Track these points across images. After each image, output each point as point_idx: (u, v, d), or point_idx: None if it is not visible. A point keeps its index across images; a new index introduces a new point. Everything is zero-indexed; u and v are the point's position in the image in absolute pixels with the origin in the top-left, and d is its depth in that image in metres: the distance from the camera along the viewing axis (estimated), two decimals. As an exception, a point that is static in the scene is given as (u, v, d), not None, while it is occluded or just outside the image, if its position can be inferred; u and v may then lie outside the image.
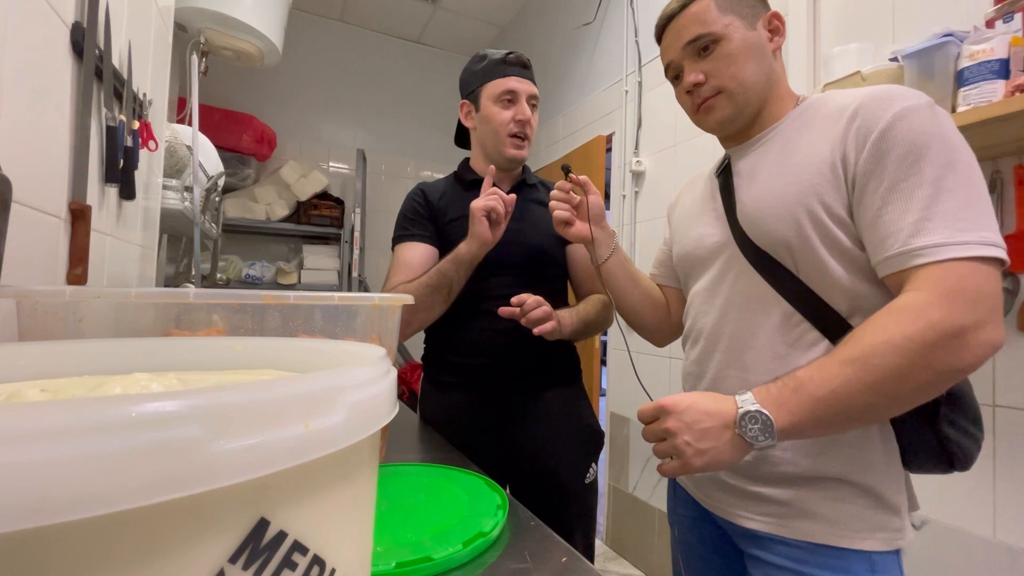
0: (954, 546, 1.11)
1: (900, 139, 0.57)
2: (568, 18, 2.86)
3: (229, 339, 0.39)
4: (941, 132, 0.57)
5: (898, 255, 0.56)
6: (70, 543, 0.15)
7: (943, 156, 0.56)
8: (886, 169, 0.58)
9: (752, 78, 0.71)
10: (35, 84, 0.60)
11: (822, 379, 0.55)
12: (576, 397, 1.16)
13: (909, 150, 0.57)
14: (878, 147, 0.58)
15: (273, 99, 3.25)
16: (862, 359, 0.54)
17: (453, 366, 1.13)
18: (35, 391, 0.26)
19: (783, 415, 0.56)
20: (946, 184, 0.55)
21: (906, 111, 0.58)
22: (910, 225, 0.55)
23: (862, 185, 0.60)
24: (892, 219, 0.57)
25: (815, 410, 0.55)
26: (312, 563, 0.21)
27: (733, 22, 0.70)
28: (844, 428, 0.59)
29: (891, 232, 0.57)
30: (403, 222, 1.14)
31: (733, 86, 0.71)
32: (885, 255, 0.57)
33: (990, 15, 1.04)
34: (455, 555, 0.52)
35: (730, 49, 0.70)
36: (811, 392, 0.56)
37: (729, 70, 0.70)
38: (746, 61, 0.70)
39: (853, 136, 0.61)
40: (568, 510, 1.07)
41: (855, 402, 0.54)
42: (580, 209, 0.91)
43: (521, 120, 1.08)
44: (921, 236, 0.55)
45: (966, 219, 0.54)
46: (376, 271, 3.38)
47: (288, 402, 0.19)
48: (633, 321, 0.95)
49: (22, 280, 0.57)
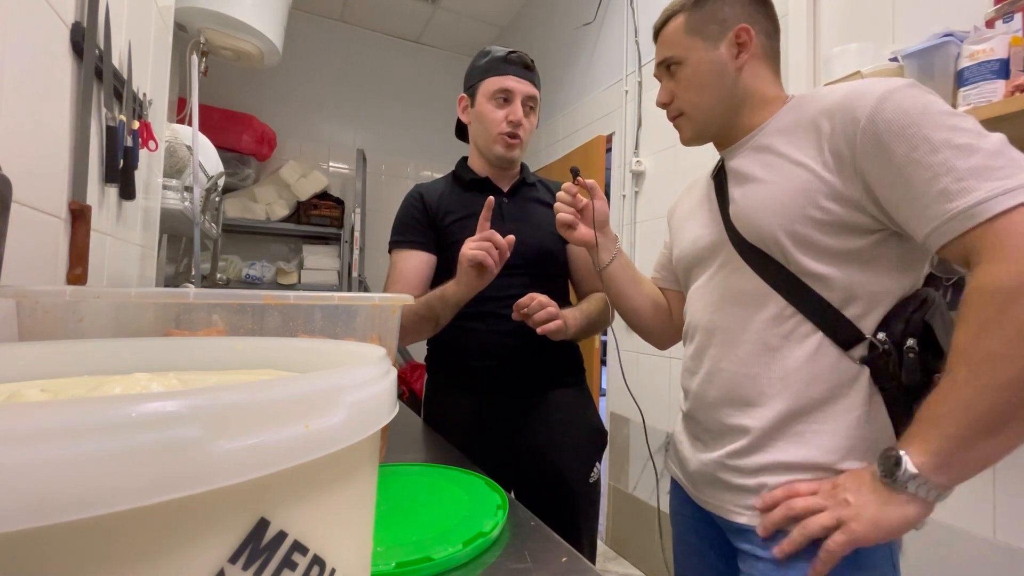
0: (954, 546, 1.11)
1: (891, 118, 0.56)
2: (568, 18, 2.86)
3: (229, 339, 0.39)
4: (930, 101, 0.56)
5: (948, 221, 0.52)
6: (70, 543, 0.15)
7: (942, 120, 0.54)
8: (889, 148, 0.56)
9: (708, 101, 0.74)
10: (35, 84, 0.60)
11: (938, 396, 0.52)
12: (581, 397, 1.16)
13: (905, 124, 0.55)
14: (871, 132, 0.57)
15: (273, 99, 3.25)
16: (966, 356, 0.51)
17: (458, 368, 1.13)
18: (35, 391, 0.26)
19: (912, 451, 0.53)
20: (959, 142, 0.53)
21: (888, 92, 0.57)
22: (944, 189, 0.52)
23: (872, 172, 0.58)
24: (921, 192, 0.54)
25: (944, 429, 0.51)
26: (312, 563, 0.21)
27: (694, 44, 0.72)
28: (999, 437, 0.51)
29: (928, 203, 0.54)
30: (400, 227, 1.14)
31: (690, 110, 0.76)
32: (933, 225, 0.54)
33: (990, 15, 1.04)
34: (455, 555, 0.52)
35: (686, 73, 0.74)
36: (932, 414, 0.53)
37: (686, 94, 0.75)
38: (703, 85, 0.73)
39: (840, 128, 0.60)
40: (573, 509, 1.07)
41: (981, 405, 0.49)
42: (585, 213, 0.90)
43: (512, 121, 1.07)
44: (961, 197, 0.51)
45: (995, 168, 0.51)
46: (376, 271, 3.38)
47: (288, 402, 0.19)
48: (635, 324, 0.95)
49: (22, 280, 0.57)
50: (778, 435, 0.65)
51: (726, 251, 0.73)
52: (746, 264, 0.69)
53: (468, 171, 1.17)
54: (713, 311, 0.74)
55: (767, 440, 0.66)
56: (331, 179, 3.31)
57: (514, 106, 1.07)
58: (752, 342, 0.68)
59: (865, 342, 0.62)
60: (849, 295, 0.63)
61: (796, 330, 0.65)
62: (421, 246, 1.11)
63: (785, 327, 0.66)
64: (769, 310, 0.67)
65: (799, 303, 0.65)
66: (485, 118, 1.09)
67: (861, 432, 0.63)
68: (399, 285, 1.08)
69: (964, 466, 0.52)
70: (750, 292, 0.69)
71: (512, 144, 1.09)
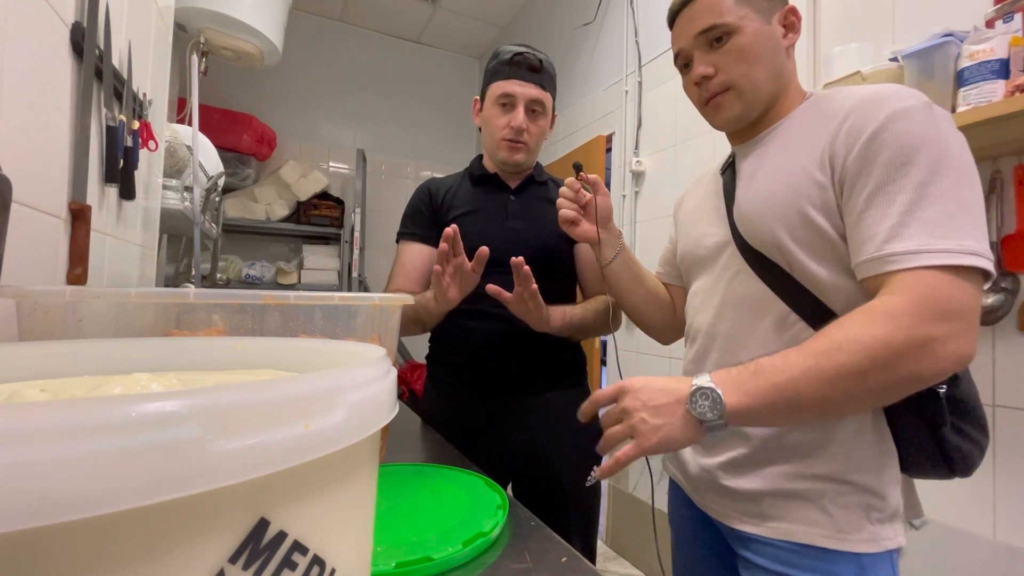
0: (954, 546, 1.11)
1: (890, 141, 0.56)
2: (568, 18, 2.86)
3: (229, 339, 0.39)
4: (935, 135, 0.55)
5: (873, 260, 0.56)
6: (70, 543, 0.15)
7: (933, 160, 0.54)
8: (873, 172, 0.57)
9: (763, 76, 0.68)
10: (35, 84, 0.60)
11: (784, 366, 0.55)
12: (579, 399, 1.15)
13: (898, 153, 0.55)
14: (867, 149, 0.57)
15: (273, 99, 3.25)
16: (827, 352, 0.54)
17: (454, 365, 1.13)
18: (35, 391, 0.26)
19: (737, 396, 0.56)
20: (931, 190, 0.54)
21: (899, 112, 0.56)
22: (887, 230, 0.55)
23: (849, 187, 0.59)
24: (871, 223, 0.56)
25: (769, 396, 0.55)
26: (312, 563, 0.21)
27: (748, 14, 0.67)
28: (794, 420, 0.60)
29: (869, 236, 0.56)
30: (405, 219, 1.17)
31: (743, 83, 0.69)
32: (861, 259, 0.57)
33: (990, 15, 1.04)
34: (455, 555, 0.52)
35: (742, 43, 0.67)
36: (769, 377, 0.55)
37: (740, 66, 0.68)
38: (758, 57, 0.68)
39: (844, 137, 0.60)
40: (568, 512, 1.07)
41: (811, 394, 0.54)
42: (588, 209, 0.89)
43: (513, 127, 1.06)
44: (896, 242, 0.54)
45: (947, 226, 0.53)
46: (376, 271, 3.38)
47: (288, 402, 0.19)
48: (637, 320, 0.95)
49: (22, 280, 0.57)
50: (779, 444, 0.65)
51: (729, 253, 0.72)
52: (749, 268, 0.68)
53: (480, 167, 1.18)
54: (716, 315, 0.73)
55: (768, 449, 0.66)
56: (331, 179, 3.31)
57: (516, 112, 1.06)
58: (754, 349, 0.67)
59: None
60: (850, 303, 0.61)
61: (799, 337, 0.63)
62: (423, 239, 1.13)
63: (788, 334, 0.65)
64: (772, 316, 0.66)
65: (802, 310, 0.64)
66: (489, 124, 1.10)
67: (864, 440, 0.62)
68: (400, 276, 1.11)
69: (754, 423, 0.59)
70: (753, 297, 0.68)
71: (515, 148, 1.09)
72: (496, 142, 1.09)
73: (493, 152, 1.12)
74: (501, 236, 1.09)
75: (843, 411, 0.58)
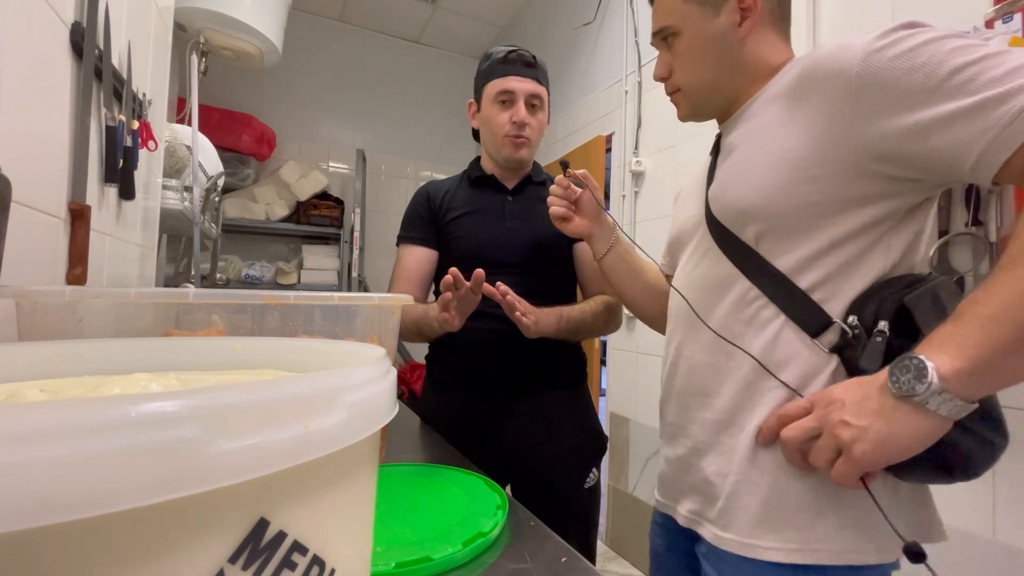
0: (954, 546, 1.11)
1: (891, 55, 0.50)
2: (568, 18, 2.86)
3: (229, 339, 0.39)
4: (929, 32, 0.50)
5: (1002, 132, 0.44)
6: (70, 543, 0.15)
7: (951, 44, 0.48)
8: (897, 86, 0.49)
9: (706, 76, 0.67)
10: (35, 84, 0.60)
11: (987, 294, 0.43)
12: (578, 400, 1.15)
13: (910, 55, 0.49)
14: (868, 77, 0.51)
15: (273, 99, 3.25)
16: None
17: (451, 365, 1.13)
18: (35, 391, 0.26)
19: (944, 352, 0.44)
20: (978, 54, 0.46)
21: (882, 34, 0.51)
22: (984, 101, 0.45)
23: (877, 122, 0.51)
24: (953, 115, 0.46)
25: (990, 333, 0.42)
26: (312, 563, 0.21)
27: (691, 11, 0.65)
28: None
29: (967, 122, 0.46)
30: (405, 222, 1.18)
31: (686, 86, 0.69)
32: (980, 147, 0.46)
33: (990, 15, 1.04)
34: (455, 555, 0.52)
35: (684, 46, 0.67)
36: (979, 312, 0.43)
37: (683, 69, 0.68)
38: (701, 59, 0.66)
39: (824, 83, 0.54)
40: (565, 515, 1.06)
41: None
42: (579, 204, 0.90)
43: (516, 122, 1.07)
44: (1013, 98, 0.43)
45: None
46: (376, 271, 3.38)
47: (288, 402, 0.19)
48: (637, 312, 0.94)
49: (22, 280, 0.56)
50: (733, 430, 0.61)
51: (701, 232, 0.69)
52: (716, 246, 0.65)
53: (477, 169, 1.19)
54: (681, 294, 0.70)
55: (722, 435, 0.62)
56: (331, 179, 3.30)
57: (517, 107, 1.07)
58: (715, 328, 0.63)
59: (834, 327, 0.55)
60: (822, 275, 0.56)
61: (758, 315, 0.59)
62: (423, 242, 1.14)
63: (747, 312, 0.60)
64: (733, 294, 0.62)
65: (765, 285, 0.59)
66: (490, 122, 1.10)
67: None
68: (401, 280, 1.12)
69: (995, 378, 0.44)
70: (718, 275, 0.64)
71: (519, 144, 1.09)
72: (499, 140, 1.09)
73: (496, 151, 1.12)
74: (499, 237, 1.09)
75: None
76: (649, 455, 2.11)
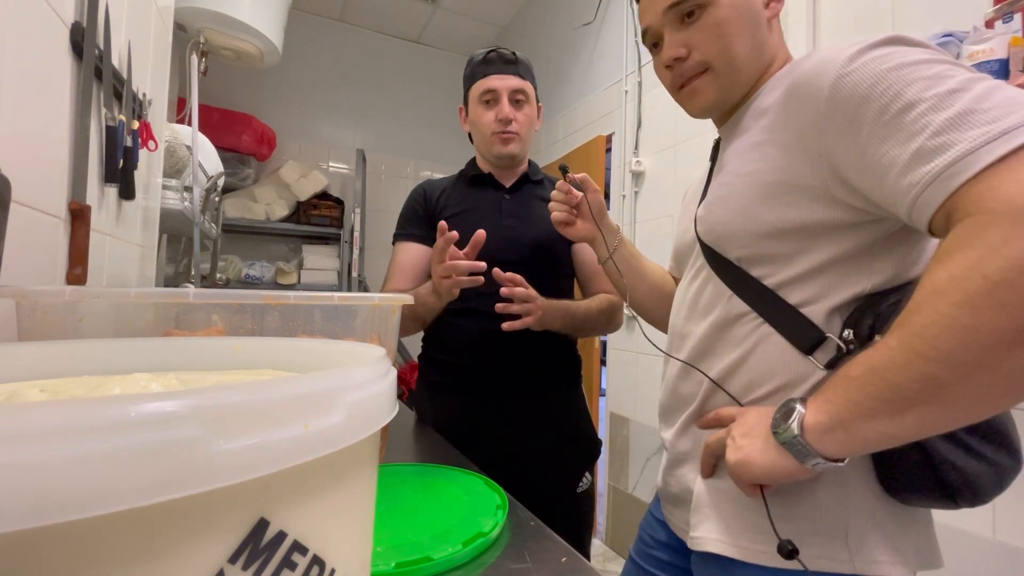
0: (954, 546, 1.11)
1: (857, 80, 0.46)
2: (568, 18, 2.86)
3: (229, 339, 0.39)
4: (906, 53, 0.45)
5: (923, 191, 0.41)
6: (69, 543, 0.15)
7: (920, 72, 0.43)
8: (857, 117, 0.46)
9: (744, 54, 0.59)
10: (35, 84, 0.60)
11: (864, 357, 0.43)
12: (571, 402, 1.15)
13: (873, 83, 0.45)
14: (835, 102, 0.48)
15: (273, 99, 3.25)
16: (905, 323, 0.41)
17: (443, 365, 1.13)
18: (35, 391, 0.26)
19: (816, 404, 0.45)
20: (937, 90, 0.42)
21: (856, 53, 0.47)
22: (918, 151, 0.42)
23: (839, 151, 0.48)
24: (894, 159, 0.43)
25: (851, 393, 0.43)
26: (312, 563, 0.21)
27: None
28: (905, 418, 0.41)
29: (902, 174, 0.43)
30: (401, 220, 1.18)
31: (721, 63, 0.60)
32: (908, 202, 0.43)
33: (990, 15, 1.04)
34: (455, 555, 0.52)
35: (719, 17, 0.58)
36: (848, 372, 0.44)
37: (717, 43, 0.59)
38: (737, 32, 0.59)
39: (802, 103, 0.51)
40: (556, 519, 1.05)
41: (904, 376, 0.40)
42: (581, 208, 0.89)
43: (501, 119, 1.07)
44: (939, 154, 0.40)
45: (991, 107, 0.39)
46: (376, 271, 3.37)
47: (288, 402, 0.19)
48: (643, 314, 0.93)
49: (22, 280, 0.56)
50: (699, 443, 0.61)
51: (696, 250, 0.68)
52: (707, 265, 0.64)
53: (473, 168, 1.19)
54: (676, 313, 0.71)
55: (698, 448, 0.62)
56: (331, 179, 3.30)
57: (501, 104, 1.08)
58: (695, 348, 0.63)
59: (829, 343, 0.53)
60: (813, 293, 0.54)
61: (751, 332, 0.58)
62: (418, 238, 1.14)
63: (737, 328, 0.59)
64: (724, 309, 0.60)
65: (757, 304, 0.57)
66: (478, 123, 1.11)
67: None
68: (396, 276, 1.13)
69: (854, 440, 0.44)
70: (711, 293, 0.63)
71: (507, 139, 1.09)
72: (487, 138, 1.10)
73: (487, 150, 1.12)
74: (496, 235, 1.09)
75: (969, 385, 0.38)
76: (649, 455, 2.11)
